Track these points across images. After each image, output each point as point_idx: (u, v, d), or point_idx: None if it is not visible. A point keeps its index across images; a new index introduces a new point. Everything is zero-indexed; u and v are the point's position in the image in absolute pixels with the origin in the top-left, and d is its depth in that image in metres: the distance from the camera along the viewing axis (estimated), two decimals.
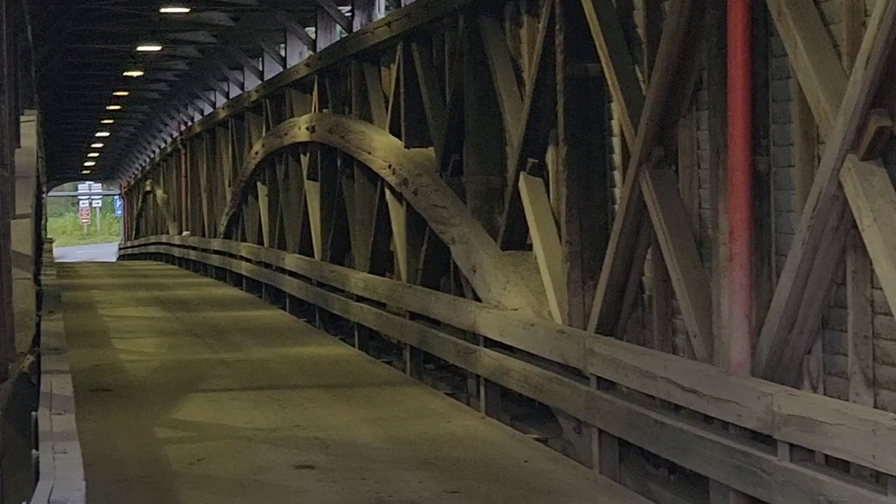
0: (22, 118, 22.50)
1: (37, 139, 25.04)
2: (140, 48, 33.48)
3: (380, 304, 19.39)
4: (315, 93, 24.56)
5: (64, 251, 73.17)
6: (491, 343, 14.45)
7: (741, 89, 9.77)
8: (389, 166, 18.83)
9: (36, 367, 13.52)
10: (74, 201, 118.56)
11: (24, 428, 10.84)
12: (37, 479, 7.66)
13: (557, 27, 13.25)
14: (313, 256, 24.44)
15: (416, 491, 10.98)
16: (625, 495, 10.99)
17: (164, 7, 27.67)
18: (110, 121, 56.24)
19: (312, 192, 24.55)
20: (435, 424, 14.00)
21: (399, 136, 19.08)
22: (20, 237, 16.32)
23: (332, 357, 19.43)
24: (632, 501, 10.79)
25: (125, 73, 39.31)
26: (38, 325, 16.19)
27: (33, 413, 10.07)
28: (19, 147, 20.56)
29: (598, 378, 11.70)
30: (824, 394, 9.39)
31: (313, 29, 26.60)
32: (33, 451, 8.48)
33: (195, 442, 13.20)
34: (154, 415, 14.64)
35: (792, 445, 8.62)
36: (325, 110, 23.83)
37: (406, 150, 18.63)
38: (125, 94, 45.51)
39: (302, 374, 17.84)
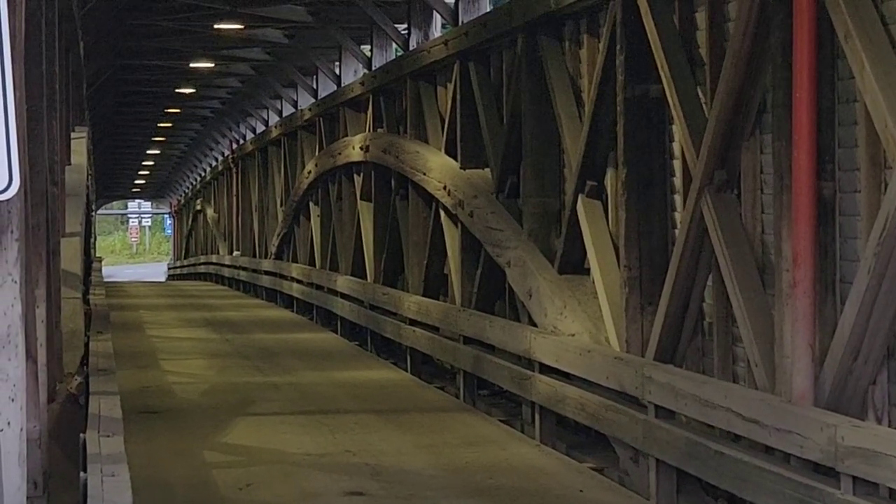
0: (73, 135, 22.59)
1: (87, 156, 25.14)
2: (193, 64, 33.60)
3: (433, 328, 19.35)
4: (369, 112, 24.59)
5: (112, 270, 73.38)
6: (546, 369, 14.39)
7: (806, 113, 9.75)
8: (445, 187, 18.83)
9: (84, 388, 13.56)
10: (124, 220, 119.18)
11: (70, 450, 10.88)
12: (84, 502, 7.68)
13: (618, 47, 13.22)
14: (366, 278, 24.44)
15: None
16: None
17: (219, 23, 27.70)
18: (161, 138, 56.40)
19: (366, 212, 24.58)
20: (488, 452, 13.94)
21: (455, 157, 19.10)
22: (69, 256, 16.40)
23: (383, 381, 19.38)
24: None
25: (177, 90, 39.47)
26: (86, 345, 16.24)
27: (81, 435, 10.09)
28: (69, 164, 20.65)
29: (657, 406, 11.65)
30: (889, 426, 9.34)
31: (368, 47, 26.64)
32: (81, 474, 8.50)
33: (244, 466, 13.17)
34: (202, 438, 14.64)
35: (855, 478, 8.57)
36: (379, 130, 23.84)
37: (462, 171, 18.64)
38: (177, 111, 45.65)
39: (353, 399, 17.78)
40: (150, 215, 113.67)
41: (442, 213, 19.44)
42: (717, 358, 11.79)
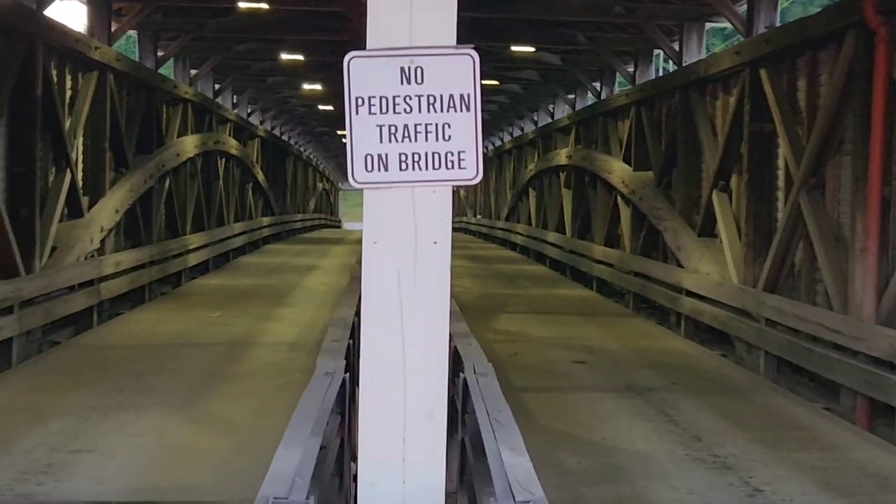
0: None
1: None
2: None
3: (609, 265, 19.27)
4: (572, 135, 24.37)
5: None
6: (689, 294, 14.29)
7: (879, 143, 9.54)
8: (622, 182, 18.67)
9: None
10: None
11: None
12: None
13: (745, 99, 12.99)
14: (565, 234, 24.36)
15: (651, 382, 10.87)
16: (781, 391, 10.79)
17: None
18: None
19: (567, 195, 24.42)
20: (654, 341, 13.88)
21: (629, 164, 18.90)
22: None
23: (580, 296, 19.34)
24: (786, 395, 10.57)
25: None
26: None
27: None
28: None
29: (766, 319, 11.51)
30: None
31: (573, 96, 26.48)
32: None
33: (509, 343, 13.18)
34: (481, 325, 14.50)
35: None
36: (578, 146, 23.69)
37: (634, 172, 18.46)
38: None
39: (564, 305, 17.78)
40: None
41: (619, 198, 19.25)
42: (803, 292, 11.59)
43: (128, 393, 9.61)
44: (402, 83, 4.25)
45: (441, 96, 4.25)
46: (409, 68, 4.24)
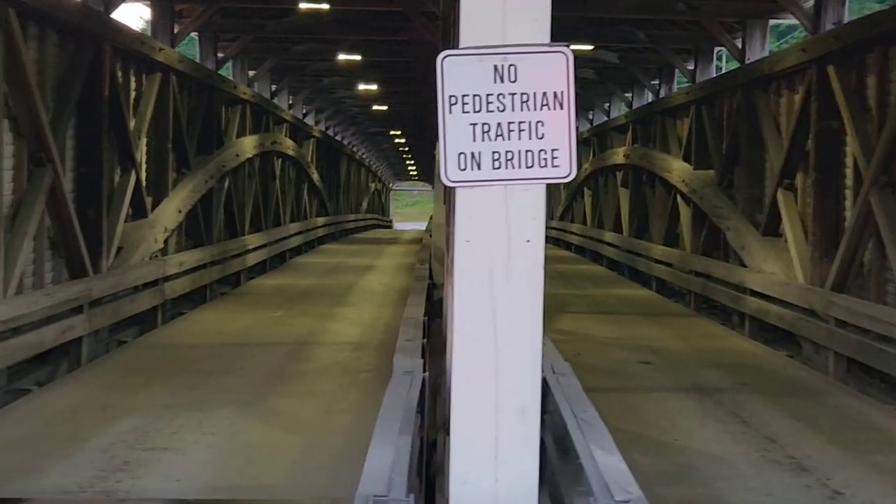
0: None
1: None
2: None
3: (668, 265, 19.14)
4: (629, 133, 24.28)
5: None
6: (753, 293, 14.16)
7: None
8: (683, 180, 18.54)
9: None
10: None
11: None
12: None
13: (812, 98, 12.86)
14: (622, 234, 24.25)
15: (719, 382, 10.77)
16: (852, 392, 10.67)
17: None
18: None
19: (623, 195, 24.31)
20: (718, 341, 13.75)
21: (689, 162, 18.77)
22: None
23: (640, 296, 19.23)
24: (857, 396, 10.44)
25: None
26: None
27: None
28: None
29: (836, 319, 11.38)
30: None
31: (629, 95, 26.34)
32: None
33: (573, 343, 13.05)
34: (543, 325, 14.59)
35: None
36: (635, 145, 23.57)
37: (694, 171, 18.34)
38: None
39: (624, 305, 17.68)
40: None
41: (678, 197, 19.13)
42: (873, 292, 11.44)
43: (198, 391, 9.70)
44: (495, 81, 4.25)
45: (534, 94, 4.25)
46: (502, 66, 4.24)
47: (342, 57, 22.96)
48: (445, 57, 4.26)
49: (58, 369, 10.78)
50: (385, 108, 34.42)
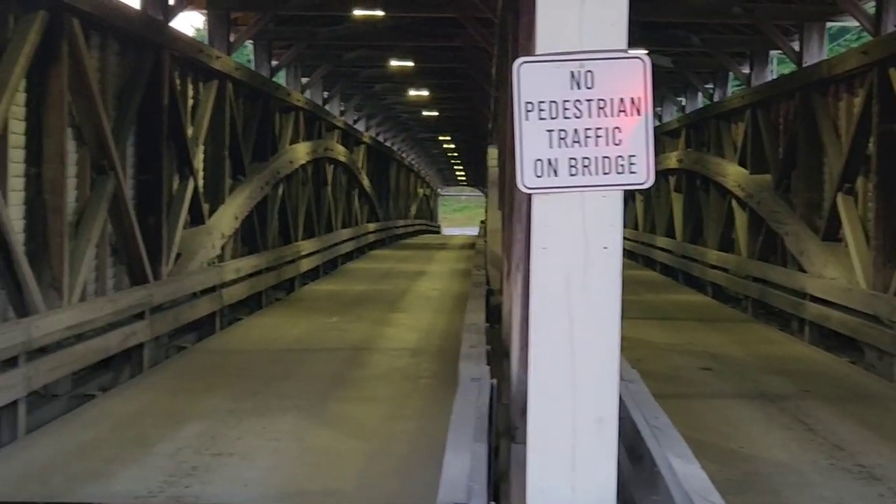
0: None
1: None
2: None
3: (724, 270, 18.96)
4: (682, 138, 24.11)
5: None
6: (814, 299, 13.99)
7: None
8: (738, 185, 18.37)
9: None
10: None
11: None
12: None
13: (874, 100, 12.70)
14: (675, 239, 24.07)
15: (782, 389, 10.66)
16: None
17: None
18: None
19: (676, 200, 24.14)
20: (778, 347, 13.61)
21: (744, 167, 18.60)
22: None
23: (696, 301, 19.08)
24: None
25: None
26: None
27: None
28: None
29: None
30: None
31: (682, 99, 26.18)
32: None
33: (631, 349, 12.77)
34: None
35: None
36: (688, 149, 23.40)
37: (750, 175, 18.17)
38: None
39: (680, 311, 17.53)
40: None
41: (733, 201, 18.96)
42: None
43: (260, 397, 9.77)
44: (571, 88, 4.24)
45: (611, 100, 4.23)
46: (578, 73, 4.23)
47: (394, 63, 23.04)
48: (522, 63, 4.26)
49: (120, 375, 10.89)
50: (435, 113, 34.47)
